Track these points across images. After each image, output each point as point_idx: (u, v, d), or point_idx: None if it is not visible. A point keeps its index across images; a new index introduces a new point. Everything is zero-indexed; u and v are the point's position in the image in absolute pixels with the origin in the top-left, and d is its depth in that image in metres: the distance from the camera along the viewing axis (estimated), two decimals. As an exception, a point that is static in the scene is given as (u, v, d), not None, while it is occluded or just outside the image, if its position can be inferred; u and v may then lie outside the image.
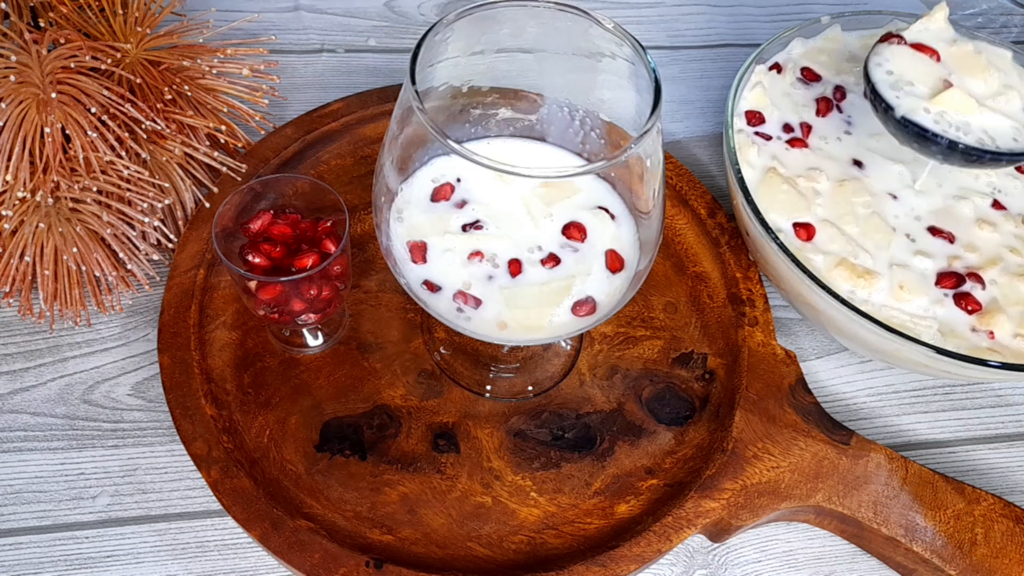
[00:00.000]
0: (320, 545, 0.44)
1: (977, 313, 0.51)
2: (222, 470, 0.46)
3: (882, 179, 0.57)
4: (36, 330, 0.53)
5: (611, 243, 0.42)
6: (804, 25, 0.62)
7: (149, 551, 0.47)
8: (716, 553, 0.50)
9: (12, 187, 0.45)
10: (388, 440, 0.50)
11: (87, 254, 0.48)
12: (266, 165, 0.58)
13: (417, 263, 0.41)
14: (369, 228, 0.58)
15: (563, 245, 0.41)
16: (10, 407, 0.50)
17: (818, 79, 0.61)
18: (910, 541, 0.47)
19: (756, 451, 0.50)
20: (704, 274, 0.58)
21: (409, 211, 0.42)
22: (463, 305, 0.40)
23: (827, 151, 0.58)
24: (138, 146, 0.48)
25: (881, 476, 0.49)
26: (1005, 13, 0.70)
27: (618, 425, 0.52)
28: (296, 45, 0.71)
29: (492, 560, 0.46)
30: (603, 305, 0.42)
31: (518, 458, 0.50)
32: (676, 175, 0.61)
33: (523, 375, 0.53)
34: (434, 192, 0.42)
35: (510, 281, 0.40)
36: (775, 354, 0.54)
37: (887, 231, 0.54)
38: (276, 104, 0.64)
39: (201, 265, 0.53)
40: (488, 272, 0.40)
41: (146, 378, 0.52)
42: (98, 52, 0.47)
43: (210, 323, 0.52)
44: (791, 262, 0.50)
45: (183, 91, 0.51)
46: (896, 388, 0.57)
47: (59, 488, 0.48)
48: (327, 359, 0.52)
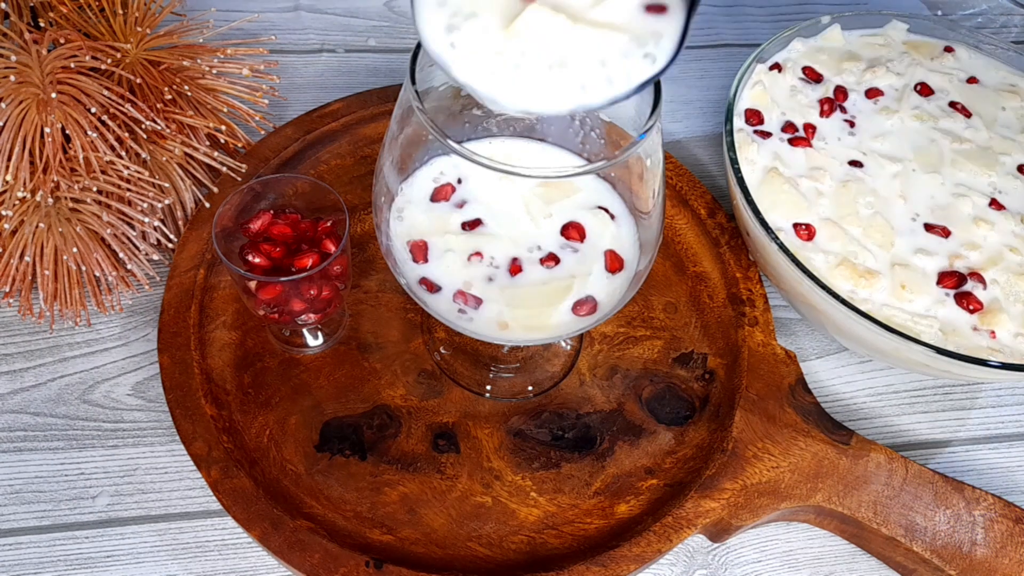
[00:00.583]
0: (320, 545, 0.44)
1: (979, 312, 0.51)
2: (222, 470, 0.46)
3: (884, 179, 0.56)
4: (36, 330, 0.53)
5: (611, 243, 0.42)
6: (804, 25, 0.62)
7: (149, 551, 0.47)
8: (716, 553, 0.50)
9: (12, 187, 0.45)
10: (388, 440, 0.50)
11: (87, 254, 0.48)
12: (266, 165, 0.58)
13: (417, 263, 0.41)
14: (369, 228, 0.58)
15: (563, 245, 0.41)
16: (10, 407, 0.50)
17: (820, 79, 0.61)
18: (910, 541, 0.47)
19: (756, 451, 0.50)
20: (704, 274, 0.58)
21: (409, 211, 0.42)
22: (464, 305, 0.40)
23: (830, 151, 0.58)
24: (138, 146, 0.48)
25: (881, 476, 0.49)
26: (1005, 13, 0.70)
27: (618, 425, 0.52)
28: (296, 45, 0.71)
29: (492, 560, 0.46)
30: (603, 305, 0.42)
31: (518, 458, 0.50)
32: (676, 175, 0.61)
33: (523, 375, 0.53)
34: (434, 192, 0.42)
35: (510, 281, 0.40)
36: (775, 354, 0.54)
37: (888, 231, 0.54)
38: (276, 104, 0.64)
39: (201, 265, 0.53)
40: (488, 273, 0.40)
41: (146, 378, 0.52)
42: (98, 52, 0.47)
43: (210, 323, 0.52)
44: (791, 262, 0.50)
45: (183, 91, 0.51)
46: (896, 388, 0.57)
47: (59, 488, 0.48)
48: (327, 359, 0.52)
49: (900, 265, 0.53)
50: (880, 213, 0.55)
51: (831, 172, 0.56)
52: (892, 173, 0.57)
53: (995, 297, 0.52)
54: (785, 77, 0.61)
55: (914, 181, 0.57)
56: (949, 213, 0.55)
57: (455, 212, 0.42)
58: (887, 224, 0.54)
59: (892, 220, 0.55)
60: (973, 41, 0.64)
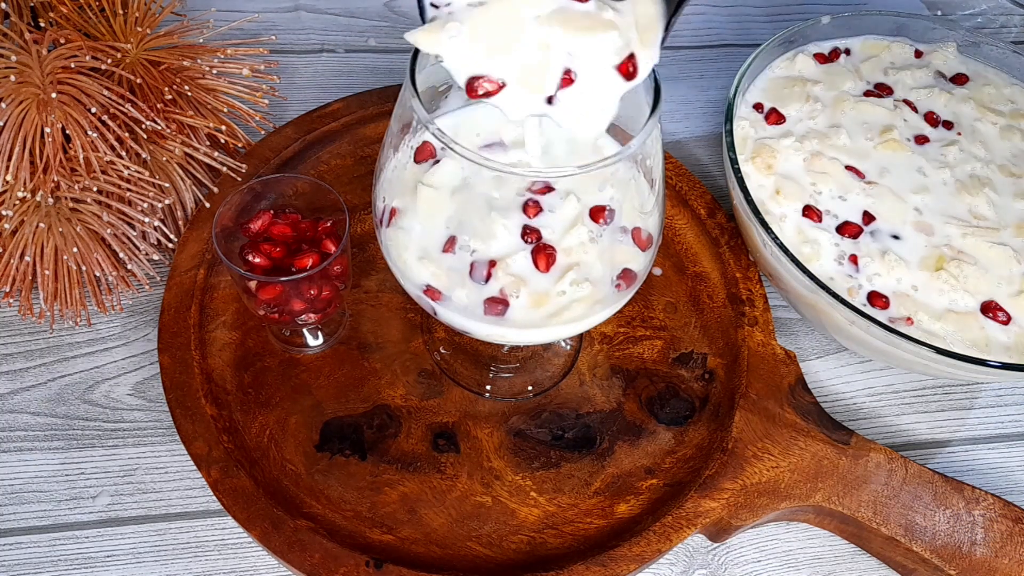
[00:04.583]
0: (320, 545, 0.44)
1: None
2: (222, 470, 0.46)
3: (897, 180, 0.57)
4: (36, 330, 0.53)
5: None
6: (804, 25, 0.62)
7: (149, 551, 0.47)
8: (716, 553, 0.50)
9: (12, 187, 0.45)
10: (388, 440, 0.50)
11: (87, 254, 0.48)
12: (266, 165, 0.58)
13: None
14: (369, 228, 0.58)
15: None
16: (10, 407, 0.50)
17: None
18: (910, 541, 0.47)
19: (756, 451, 0.50)
20: (704, 274, 0.58)
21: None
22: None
23: (833, 151, 0.58)
24: (138, 146, 0.48)
25: (881, 476, 0.49)
26: (1005, 13, 0.70)
27: (618, 425, 0.52)
28: (296, 45, 0.71)
29: (492, 560, 0.46)
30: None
31: (518, 458, 0.50)
32: (676, 175, 0.61)
33: (523, 375, 0.54)
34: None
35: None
36: (775, 354, 0.54)
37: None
38: (276, 104, 0.64)
39: (201, 265, 0.53)
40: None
41: (146, 378, 0.52)
42: (98, 52, 0.47)
43: (210, 323, 0.52)
44: (791, 262, 0.50)
45: (183, 91, 0.51)
46: (896, 388, 0.57)
47: (59, 488, 0.48)
48: (327, 359, 0.52)
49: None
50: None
51: (833, 173, 0.57)
52: (905, 175, 0.57)
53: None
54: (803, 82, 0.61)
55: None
56: (953, 211, 0.55)
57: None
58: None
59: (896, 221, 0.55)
60: (972, 40, 0.64)
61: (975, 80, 0.63)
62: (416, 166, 0.41)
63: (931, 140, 0.59)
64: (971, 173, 0.57)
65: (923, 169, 0.57)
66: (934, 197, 0.56)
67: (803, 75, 0.62)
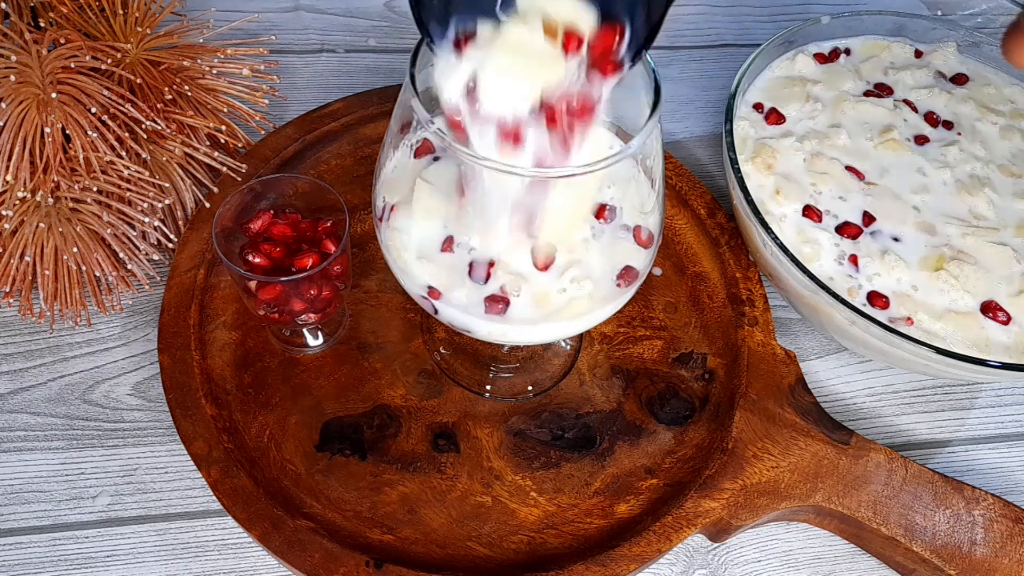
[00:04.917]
0: (320, 545, 0.44)
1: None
2: (222, 470, 0.46)
3: (898, 180, 0.57)
4: (36, 330, 0.53)
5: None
6: (804, 25, 0.62)
7: (149, 551, 0.47)
8: (716, 553, 0.50)
9: (12, 187, 0.45)
10: (388, 440, 0.50)
11: (87, 254, 0.48)
12: (266, 165, 0.58)
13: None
14: (369, 228, 0.58)
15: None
16: (10, 407, 0.50)
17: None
18: (910, 541, 0.47)
19: (756, 451, 0.50)
20: (704, 274, 0.58)
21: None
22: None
23: (834, 151, 0.58)
24: (138, 146, 0.48)
25: (881, 476, 0.49)
26: (1005, 13, 0.70)
27: (618, 425, 0.52)
28: (296, 45, 0.71)
29: (492, 560, 0.46)
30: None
31: (518, 458, 0.50)
32: (676, 175, 0.61)
33: (523, 375, 0.53)
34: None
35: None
36: (775, 354, 0.54)
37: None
38: (276, 104, 0.64)
39: (201, 265, 0.53)
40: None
41: (146, 378, 0.52)
42: (98, 52, 0.47)
43: (210, 323, 0.52)
44: (791, 262, 0.50)
45: (183, 91, 0.51)
46: (896, 388, 0.57)
47: (59, 488, 0.48)
48: (327, 359, 0.52)
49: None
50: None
51: (833, 174, 0.57)
52: (906, 175, 0.57)
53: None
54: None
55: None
56: (954, 211, 0.55)
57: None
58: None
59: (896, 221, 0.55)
60: (972, 40, 0.64)
61: (975, 80, 0.63)
62: (415, 161, 0.41)
63: (931, 140, 0.59)
64: (971, 173, 0.57)
65: (923, 169, 0.57)
66: (934, 197, 0.56)
67: (803, 75, 0.62)
